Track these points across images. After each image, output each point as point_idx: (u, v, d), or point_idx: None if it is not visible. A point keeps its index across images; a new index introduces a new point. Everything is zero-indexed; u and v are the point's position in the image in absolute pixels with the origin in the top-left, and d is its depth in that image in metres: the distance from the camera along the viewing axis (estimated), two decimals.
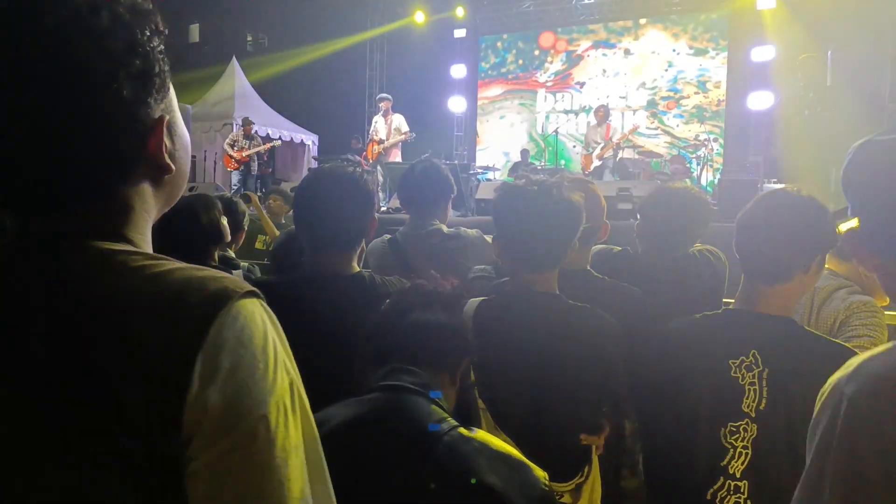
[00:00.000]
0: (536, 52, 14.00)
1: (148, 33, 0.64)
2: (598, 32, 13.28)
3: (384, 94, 9.89)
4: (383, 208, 7.89)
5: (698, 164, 10.51)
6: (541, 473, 1.09)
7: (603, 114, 9.39)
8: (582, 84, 13.44)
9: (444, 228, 2.34)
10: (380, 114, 9.62)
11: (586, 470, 1.54)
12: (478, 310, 1.58)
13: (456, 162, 10.38)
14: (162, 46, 0.67)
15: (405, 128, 9.35)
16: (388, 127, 9.42)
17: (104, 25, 0.61)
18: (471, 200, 8.18)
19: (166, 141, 0.70)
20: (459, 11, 13.61)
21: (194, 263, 0.66)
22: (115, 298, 0.60)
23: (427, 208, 2.37)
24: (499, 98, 14.44)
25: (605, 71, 13.18)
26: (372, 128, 9.75)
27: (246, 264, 2.63)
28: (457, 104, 14.18)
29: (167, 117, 0.69)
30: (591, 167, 9.18)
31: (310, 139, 14.74)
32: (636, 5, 12.82)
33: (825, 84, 6.11)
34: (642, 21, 12.75)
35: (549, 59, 13.83)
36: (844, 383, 0.76)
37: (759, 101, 10.76)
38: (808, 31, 9.73)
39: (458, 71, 14.13)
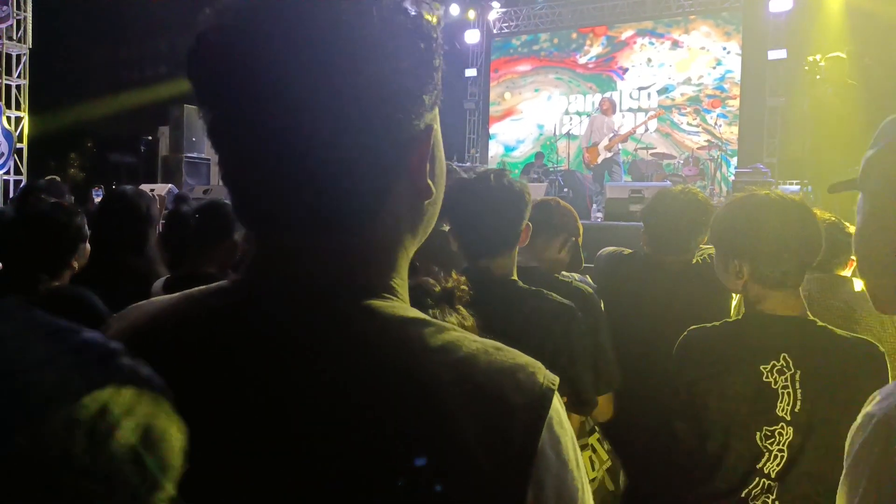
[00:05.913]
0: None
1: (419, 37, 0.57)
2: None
3: None
4: None
5: (717, 165, 10.33)
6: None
7: (609, 105, 9.23)
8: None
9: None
10: None
11: None
12: None
13: (468, 164, 10.38)
14: (438, 56, 0.58)
15: None
16: None
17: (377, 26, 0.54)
18: None
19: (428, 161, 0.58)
20: (471, 14, 13.59)
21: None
22: (430, 389, 0.49)
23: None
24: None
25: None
26: None
27: None
28: (469, 106, 14.16)
29: (435, 127, 0.58)
30: (599, 159, 8.90)
31: None
32: (648, 8, 12.71)
33: (846, 83, 6.01)
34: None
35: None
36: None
37: (774, 102, 10.65)
38: (823, 33, 9.62)
39: (471, 73, 14.12)
